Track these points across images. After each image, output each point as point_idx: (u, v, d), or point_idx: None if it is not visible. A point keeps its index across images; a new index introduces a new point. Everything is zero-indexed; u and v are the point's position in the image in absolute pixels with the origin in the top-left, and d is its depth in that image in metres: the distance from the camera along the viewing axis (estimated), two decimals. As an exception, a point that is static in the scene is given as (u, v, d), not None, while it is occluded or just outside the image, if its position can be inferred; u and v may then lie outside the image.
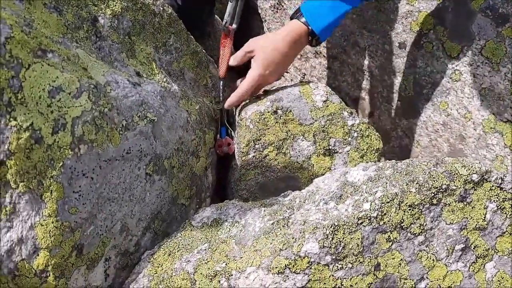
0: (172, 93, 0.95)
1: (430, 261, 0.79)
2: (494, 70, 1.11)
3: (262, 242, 0.79)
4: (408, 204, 0.77)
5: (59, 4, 0.77)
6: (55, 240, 0.72)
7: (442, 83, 1.20)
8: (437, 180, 0.78)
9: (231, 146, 1.11)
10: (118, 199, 0.81)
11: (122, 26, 0.89)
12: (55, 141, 0.69)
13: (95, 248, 0.79)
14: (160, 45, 0.99)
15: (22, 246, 0.70)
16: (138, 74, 0.88)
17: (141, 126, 0.84)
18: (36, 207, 0.70)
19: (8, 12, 0.66)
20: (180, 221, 0.97)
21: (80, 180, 0.73)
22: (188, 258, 0.81)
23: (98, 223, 0.78)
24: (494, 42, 1.10)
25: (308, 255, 0.75)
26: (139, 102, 0.84)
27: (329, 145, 1.08)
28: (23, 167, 0.67)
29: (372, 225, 0.76)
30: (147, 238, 0.90)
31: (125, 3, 0.90)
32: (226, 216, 0.88)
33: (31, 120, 0.66)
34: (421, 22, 1.18)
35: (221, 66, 1.13)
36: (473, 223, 0.79)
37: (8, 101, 0.64)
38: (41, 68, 0.67)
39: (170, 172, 0.92)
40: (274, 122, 1.06)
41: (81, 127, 0.72)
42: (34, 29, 0.69)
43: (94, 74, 0.77)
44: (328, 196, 0.81)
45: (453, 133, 1.21)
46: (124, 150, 0.80)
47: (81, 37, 0.80)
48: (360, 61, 1.33)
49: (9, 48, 0.63)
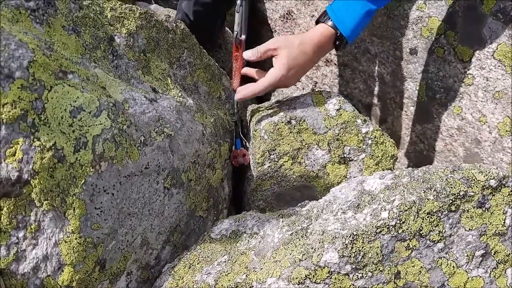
0: (187, 108, 0.97)
1: (451, 268, 0.78)
2: (507, 73, 1.10)
3: (281, 253, 0.79)
4: (426, 212, 0.77)
5: (77, 25, 0.80)
6: (79, 256, 0.74)
7: (455, 88, 1.20)
8: (455, 187, 0.78)
9: (246, 157, 1.12)
10: (138, 214, 0.83)
11: (137, 44, 0.91)
12: (77, 160, 0.71)
13: (117, 262, 0.80)
14: (174, 60, 1.01)
15: (47, 263, 0.72)
16: (154, 90, 0.90)
17: (159, 141, 0.85)
18: (60, 224, 0.72)
19: (30, 37, 0.68)
20: (199, 233, 0.98)
21: (102, 196, 0.75)
22: (208, 270, 0.82)
23: (119, 238, 0.80)
24: (506, 45, 1.09)
25: (328, 265, 0.75)
26: (156, 117, 0.86)
27: (344, 153, 1.08)
28: (47, 186, 0.69)
29: (391, 234, 0.77)
30: (167, 251, 0.91)
31: (139, 21, 0.92)
32: (245, 227, 0.89)
33: (54, 139, 0.68)
34: (432, 27, 1.19)
35: (234, 79, 1.14)
36: (493, 228, 0.79)
37: (32, 122, 0.66)
38: (63, 89, 0.69)
39: (188, 185, 0.93)
40: (288, 132, 1.07)
41: (101, 144, 0.74)
42: (54, 51, 0.71)
43: (113, 92, 0.79)
44: (345, 205, 0.81)
45: (468, 137, 1.21)
46: (142, 165, 0.82)
47: (98, 56, 0.82)
48: (371, 68, 1.34)
49: (32, 72, 0.65)
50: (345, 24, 1.01)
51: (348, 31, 1.01)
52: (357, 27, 1.02)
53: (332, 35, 1.04)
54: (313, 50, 1.04)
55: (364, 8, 0.99)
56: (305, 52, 1.03)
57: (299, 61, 1.04)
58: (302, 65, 1.05)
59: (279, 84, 1.06)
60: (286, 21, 1.45)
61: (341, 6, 1.01)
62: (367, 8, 0.99)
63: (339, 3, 1.02)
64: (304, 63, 1.05)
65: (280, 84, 1.06)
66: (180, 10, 1.39)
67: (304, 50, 1.03)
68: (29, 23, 0.72)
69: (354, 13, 0.99)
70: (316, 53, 1.05)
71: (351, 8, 0.99)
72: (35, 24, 0.73)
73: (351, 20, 1.00)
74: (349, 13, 1.00)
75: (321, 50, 1.06)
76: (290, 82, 1.07)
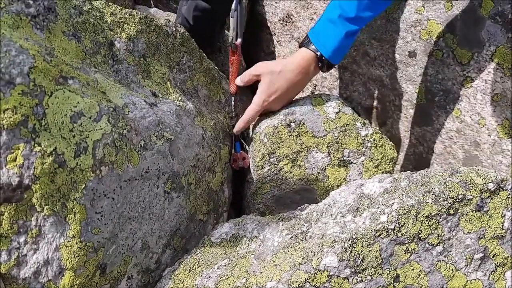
0: (187, 111, 0.97)
1: (450, 271, 0.79)
2: (506, 76, 1.11)
3: (281, 256, 0.80)
4: (425, 215, 0.78)
5: (77, 31, 0.80)
6: (80, 261, 0.74)
7: (454, 90, 1.20)
8: (453, 190, 0.79)
9: (246, 160, 1.12)
10: (138, 218, 0.83)
11: (137, 48, 0.92)
12: (77, 164, 0.71)
13: (117, 267, 0.81)
14: (174, 64, 1.02)
15: (48, 267, 0.72)
16: (154, 95, 0.91)
17: (159, 146, 0.86)
18: (60, 229, 0.72)
19: (30, 43, 0.69)
20: (199, 237, 0.99)
21: (102, 201, 0.76)
22: (208, 274, 0.82)
23: (120, 242, 0.80)
24: (505, 48, 1.10)
25: (327, 269, 0.76)
26: (156, 122, 0.86)
27: (344, 156, 1.08)
28: (48, 191, 0.70)
29: (390, 237, 0.77)
30: (167, 255, 0.91)
31: (139, 26, 0.92)
32: (245, 231, 0.89)
33: (55, 145, 0.69)
34: (430, 30, 1.19)
35: (231, 83, 1.15)
36: (491, 232, 0.79)
37: (33, 127, 0.67)
38: (63, 94, 0.70)
39: (188, 189, 0.94)
40: (288, 135, 1.08)
41: (101, 149, 0.74)
42: (55, 57, 0.72)
43: (113, 97, 0.79)
44: (345, 209, 0.82)
45: (467, 140, 1.21)
46: (143, 169, 0.82)
47: (98, 61, 0.83)
48: (370, 70, 1.34)
49: (32, 77, 0.66)
50: (326, 47, 1.04)
51: (329, 52, 1.04)
52: (339, 48, 1.04)
53: (314, 58, 1.06)
54: (296, 74, 1.07)
55: (344, 29, 1.01)
56: (286, 78, 1.06)
57: (281, 86, 1.07)
58: (285, 89, 1.07)
59: (264, 108, 1.09)
60: (285, 24, 1.46)
61: (321, 29, 1.04)
62: (347, 29, 1.01)
63: (320, 26, 1.05)
64: (287, 88, 1.07)
65: (265, 108, 1.09)
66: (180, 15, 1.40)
67: (285, 76, 1.06)
68: (30, 29, 0.72)
69: (334, 35, 1.02)
70: (300, 76, 1.08)
71: (331, 31, 1.02)
72: (35, 30, 0.73)
73: (332, 42, 1.03)
74: (329, 35, 1.03)
75: (305, 73, 1.08)
76: (274, 106, 1.10)
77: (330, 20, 1.02)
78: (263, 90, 1.08)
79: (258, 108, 1.09)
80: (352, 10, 0.99)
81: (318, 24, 1.06)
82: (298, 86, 1.11)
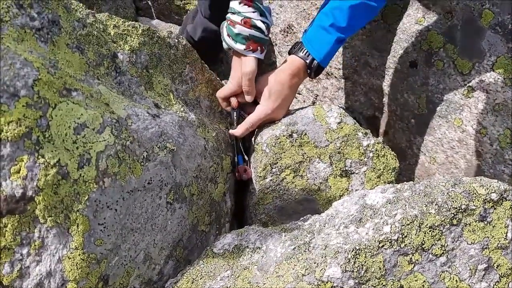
0: (189, 122, 0.97)
1: (454, 281, 0.78)
2: (507, 86, 1.11)
3: (284, 267, 0.79)
4: (428, 226, 0.77)
5: (81, 43, 0.81)
6: (82, 272, 0.74)
7: (455, 100, 1.20)
8: (456, 201, 0.78)
9: (248, 171, 1.12)
10: (141, 229, 0.83)
11: (140, 60, 0.92)
12: (80, 176, 0.71)
13: (120, 278, 0.81)
14: (176, 75, 1.02)
15: (51, 279, 0.72)
16: (157, 106, 0.91)
17: (161, 157, 0.86)
18: (63, 240, 0.72)
19: (35, 55, 0.70)
20: (201, 247, 0.98)
21: (105, 212, 0.76)
22: (211, 285, 0.82)
23: (123, 253, 0.80)
24: (505, 58, 1.10)
25: (331, 280, 0.75)
26: (159, 133, 0.86)
27: (346, 166, 1.08)
28: (51, 202, 0.70)
29: (393, 248, 0.77)
30: (169, 266, 0.91)
31: (142, 38, 0.93)
32: (247, 242, 0.89)
33: (58, 156, 0.69)
34: (431, 40, 1.20)
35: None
36: (495, 242, 0.79)
37: (37, 139, 0.67)
38: (67, 106, 0.70)
39: (190, 199, 0.94)
40: (290, 146, 1.08)
41: (105, 161, 0.74)
42: (59, 69, 0.72)
43: (116, 109, 0.79)
44: (348, 219, 0.82)
45: (469, 149, 1.21)
46: (145, 180, 0.82)
47: (102, 73, 0.83)
48: (371, 80, 1.35)
49: (37, 90, 0.66)
50: (319, 51, 1.09)
51: (321, 56, 1.09)
52: (329, 53, 1.11)
53: (303, 64, 1.11)
54: (287, 80, 1.11)
55: (335, 36, 1.07)
56: (282, 82, 1.11)
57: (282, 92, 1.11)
58: (285, 95, 1.11)
59: (269, 117, 1.11)
60: (286, 35, 1.47)
61: (313, 36, 1.10)
62: (337, 35, 1.07)
63: (312, 33, 1.11)
64: (286, 93, 1.11)
65: (270, 117, 1.12)
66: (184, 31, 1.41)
67: (281, 80, 1.11)
68: (34, 42, 0.73)
69: (327, 41, 1.08)
70: (290, 82, 1.11)
71: (323, 37, 1.08)
72: (39, 43, 0.74)
73: (324, 48, 1.09)
74: (322, 41, 1.09)
75: (294, 79, 1.12)
76: (279, 113, 1.12)
77: (322, 27, 1.08)
78: (267, 99, 1.10)
79: (263, 116, 1.11)
80: (343, 20, 1.06)
81: (311, 31, 1.11)
82: (292, 92, 1.14)
